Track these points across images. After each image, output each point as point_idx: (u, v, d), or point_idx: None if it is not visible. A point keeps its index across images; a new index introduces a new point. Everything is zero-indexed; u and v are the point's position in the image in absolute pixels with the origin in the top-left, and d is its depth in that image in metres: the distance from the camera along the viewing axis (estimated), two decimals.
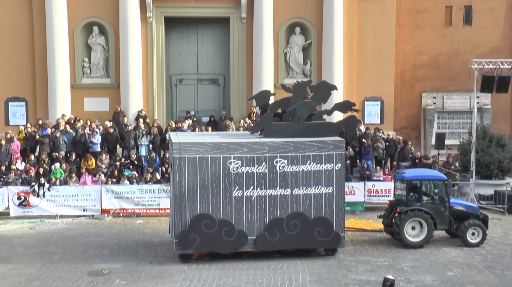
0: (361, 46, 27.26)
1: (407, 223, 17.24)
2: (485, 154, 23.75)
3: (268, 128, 16.51)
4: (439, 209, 17.57)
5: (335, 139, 16.30)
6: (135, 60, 26.18)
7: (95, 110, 26.30)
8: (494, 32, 30.30)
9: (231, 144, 15.68)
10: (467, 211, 17.87)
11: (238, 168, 15.58)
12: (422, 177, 18.07)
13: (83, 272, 15.18)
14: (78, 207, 21.31)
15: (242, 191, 15.68)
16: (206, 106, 28.00)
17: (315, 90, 17.27)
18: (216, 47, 28.07)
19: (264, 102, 17.99)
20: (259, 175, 15.68)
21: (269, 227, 15.80)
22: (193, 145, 15.49)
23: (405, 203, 17.62)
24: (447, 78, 30.16)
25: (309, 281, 14.42)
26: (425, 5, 30.19)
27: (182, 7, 26.86)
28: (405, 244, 17.21)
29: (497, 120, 30.15)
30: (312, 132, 16.42)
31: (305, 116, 16.62)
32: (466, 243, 17.40)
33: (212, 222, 15.55)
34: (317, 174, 15.90)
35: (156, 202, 21.45)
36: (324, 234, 15.98)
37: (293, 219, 15.84)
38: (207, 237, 15.55)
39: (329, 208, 16.02)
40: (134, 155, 23.34)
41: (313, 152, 15.86)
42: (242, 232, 15.74)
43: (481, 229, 17.49)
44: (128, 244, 17.87)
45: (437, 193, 17.82)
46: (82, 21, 26.39)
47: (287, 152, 15.77)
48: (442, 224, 17.65)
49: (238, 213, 15.68)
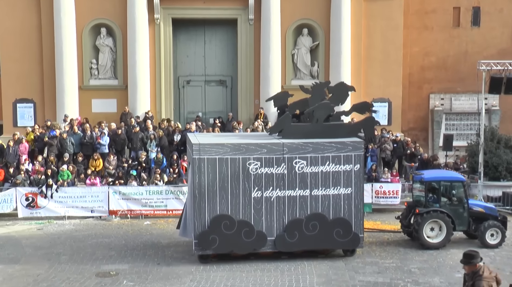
0: (369, 47, 27.23)
1: (426, 225, 17.21)
2: (493, 156, 23.65)
3: (286, 129, 16.53)
4: (458, 210, 17.53)
5: (354, 140, 16.31)
6: (142, 62, 26.25)
7: (103, 111, 26.40)
8: (502, 34, 30.21)
9: (250, 145, 15.69)
10: (485, 212, 17.80)
11: (257, 169, 15.61)
12: (441, 178, 18.03)
13: (91, 273, 15.21)
14: (86, 208, 21.37)
15: (261, 192, 15.69)
16: (214, 108, 28.04)
17: (333, 91, 17.30)
18: (224, 49, 28.11)
19: (282, 103, 18.00)
20: (278, 176, 15.70)
21: (288, 228, 15.82)
22: (212, 146, 15.51)
23: (424, 204, 17.59)
24: (455, 79, 30.10)
25: (317, 282, 14.40)
26: (433, 6, 30.14)
27: (190, 9, 26.93)
28: (424, 246, 17.18)
29: (506, 122, 30.05)
30: (330, 133, 16.44)
31: (323, 117, 16.63)
32: (485, 244, 17.32)
33: (231, 223, 15.58)
34: (336, 175, 15.91)
35: (163, 204, 21.47)
36: (343, 235, 15.99)
37: (312, 220, 15.86)
38: (227, 238, 15.56)
39: (348, 209, 16.02)
40: (143, 157, 23.38)
41: (332, 153, 15.88)
42: (262, 233, 15.75)
43: (500, 231, 17.43)
44: (136, 245, 17.89)
45: (455, 194, 17.78)
46: (90, 23, 26.50)
47: (306, 153, 15.79)
48: (461, 225, 17.59)
49: (258, 214, 15.70)
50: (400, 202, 22.27)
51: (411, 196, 19.50)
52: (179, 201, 21.35)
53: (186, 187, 21.45)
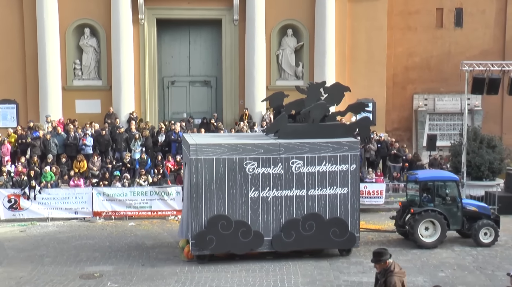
0: (353, 48, 27.35)
1: (421, 224, 17.34)
2: (476, 156, 23.86)
3: (283, 129, 16.61)
4: (452, 210, 17.70)
5: (350, 140, 16.43)
6: (127, 62, 26.13)
7: (86, 112, 26.23)
8: (484, 35, 30.48)
9: (247, 145, 15.76)
10: (479, 211, 17.99)
11: (254, 169, 15.68)
12: (435, 178, 18.18)
13: (74, 275, 15.10)
14: (70, 210, 21.21)
15: (258, 192, 15.76)
16: (198, 108, 27.99)
17: (328, 91, 17.39)
18: (208, 49, 28.07)
19: (278, 103, 18.07)
20: (275, 176, 15.78)
21: (285, 227, 15.89)
22: (209, 147, 15.56)
23: (419, 204, 17.73)
24: (439, 80, 30.31)
25: (302, 282, 14.42)
26: (417, 7, 30.33)
27: (174, 9, 26.85)
28: (419, 245, 17.30)
29: (488, 122, 30.34)
30: (326, 133, 16.54)
31: (319, 118, 16.71)
32: (478, 243, 17.52)
33: (228, 223, 15.62)
34: (332, 175, 16.01)
35: (148, 205, 21.37)
36: (339, 234, 16.10)
37: (308, 219, 15.95)
38: (224, 238, 15.62)
39: (344, 209, 16.13)
40: (128, 157, 23.27)
41: (329, 153, 15.98)
42: (258, 232, 15.81)
43: (494, 229, 17.61)
44: (120, 246, 17.80)
45: (449, 193, 17.96)
46: (74, 23, 26.33)
47: (302, 153, 15.87)
48: (455, 224, 17.76)
49: (254, 214, 15.77)
50: (384, 202, 22.40)
51: (405, 196, 19.63)
52: (163, 202, 21.30)
53: (170, 188, 21.47)
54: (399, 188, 23.44)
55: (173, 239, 18.45)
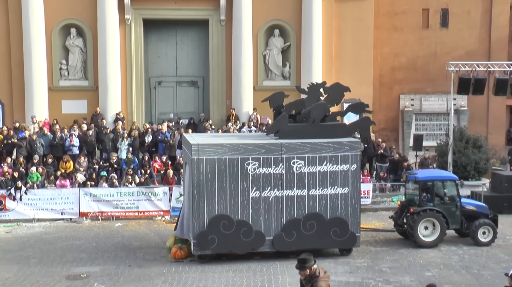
0: (340, 48, 27.43)
1: (420, 223, 17.45)
2: (462, 156, 24.01)
3: (283, 129, 16.67)
4: (451, 209, 17.82)
5: (351, 140, 16.53)
6: (113, 62, 26.02)
7: (73, 112, 26.08)
8: (470, 35, 30.70)
9: (249, 145, 15.79)
10: (477, 211, 18.14)
11: (255, 169, 15.73)
12: (435, 178, 18.30)
13: (61, 276, 15.01)
14: (56, 211, 21.07)
15: (259, 192, 15.80)
16: (185, 109, 27.94)
17: (328, 91, 17.47)
18: (195, 50, 28.04)
19: (278, 103, 18.14)
20: (276, 176, 15.82)
21: (286, 227, 15.95)
22: (211, 147, 15.59)
23: (418, 203, 17.84)
24: (425, 80, 30.49)
25: (289, 282, 14.43)
26: (403, 7, 30.49)
27: (161, 9, 26.80)
28: (419, 244, 17.40)
29: (474, 122, 30.56)
30: (326, 133, 16.61)
31: (320, 118, 16.77)
32: (477, 242, 17.64)
33: (230, 223, 15.65)
34: (333, 175, 16.08)
35: (135, 205, 21.28)
36: (340, 234, 16.17)
37: (309, 219, 16.01)
38: (225, 237, 15.63)
39: (345, 209, 16.21)
40: (115, 158, 23.17)
41: (330, 153, 16.05)
42: (260, 232, 15.85)
43: (492, 228, 17.74)
44: (107, 247, 17.72)
45: (448, 193, 18.10)
46: (60, 23, 26.19)
47: (304, 153, 15.93)
48: (454, 223, 17.88)
49: (256, 214, 15.82)
50: (371, 202, 22.48)
51: (403, 195, 19.74)
52: (150, 202, 21.23)
53: (157, 189, 21.42)
54: (386, 188, 23.56)
55: (160, 240, 18.41)
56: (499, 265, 15.91)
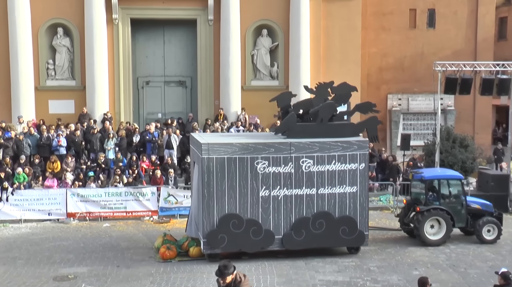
0: (328, 48, 27.49)
1: (427, 222, 17.60)
2: (449, 155, 24.18)
3: (292, 129, 16.74)
4: (456, 208, 18.01)
5: (360, 139, 16.64)
6: (101, 62, 25.91)
7: (60, 112, 25.93)
8: (456, 35, 30.91)
9: (258, 144, 15.86)
10: (482, 209, 18.34)
11: (265, 168, 15.81)
12: (441, 177, 18.51)
13: (48, 277, 14.93)
14: (43, 211, 20.94)
15: (269, 191, 15.88)
16: (174, 109, 27.88)
17: (336, 91, 17.58)
18: (183, 49, 27.98)
19: (286, 103, 18.21)
20: (285, 175, 15.91)
21: (295, 226, 16.04)
22: (221, 146, 15.63)
23: (424, 202, 17.99)
24: (412, 80, 30.65)
25: (277, 282, 14.45)
26: (390, 8, 30.63)
27: (149, 9, 26.72)
28: (425, 243, 17.57)
29: (460, 121, 30.77)
30: (334, 132, 16.70)
31: (328, 117, 16.87)
32: (482, 240, 17.84)
33: (240, 222, 15.72)
34: (342, 174, 16.19)
35: (123, 205, 21.21)
36: (348, 232, 16.29)
37: (318, 218, 16.11)
38: (235, 236, 15.71)
39: (353, 207, 16.32)
40: (102, 158, 23.07)
41: (338, 152, 16.16)
42: (269, 231, 15.93)
43: (497, 226, 17.97)
44: (95, 248, 17.64)
45: (454, 192, 18.31)
46: (46, 22, 26.03)
47: (313, 152, 16.03)
48: (460, 222, 18.07)
49: (265, 213, 15.90)
50: None
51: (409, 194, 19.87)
52: (138, 202, 21.18)
53: (145, 189, 21.38)
54: (374, 187, 23.65)
55: (148, 240, 18.36)
56: (485, 263, 16.05)
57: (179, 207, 21.42)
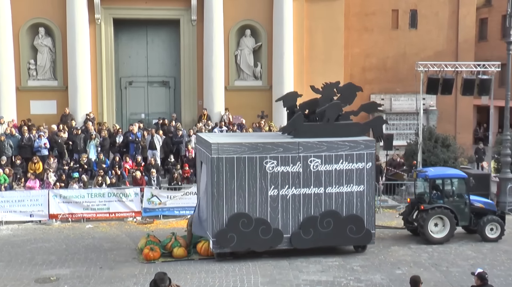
0: (311, 48, 27.58)
1: (431, 220, 17.77)
2: (431, 155, 24.37)
3: (299, 129, 16.84)
4: (460, 206, 18.21)
5: (367, 139, 16.80)
6: (83, 62, 25.74)
7: (42, 113, 25.72)
8: (438, 36, 31.18)
9: (267, 144, 15.97)
10: (485, 208, 18.58)
11: (273, 168, 15.92)
12: (445, 176, 18.72)
13: (29, 279, 14.80)
14: (25, 213, 20.74)
15: (277, 190, 15.99)
16: (157, 109, 27.78)
17: (341, 91, 17.70)
18: (167, 50, 27.89)
19: (292, 103, 18.30)
20: (293, 174, 16.04)
21: (303, 225, 16.18)
22: (231, 145, 15.72)
23: (428, 201, 18.17)
24: (395, 80, 30.85)
25: (261, 282, 14.47)
26: (373, 8, 30.80)
27: (132, 9, 26.60)
28: (429, 241, 17.74)
29: (442, 121, 31.03)
30: (341, 132, 16.85)
31: (334, 117, 17.00)
32: (485, 238, 18.07)
33: (249, 221, 15.82)
34: (349, 173, 16.35)
35: (106, 206, 21.08)
36: (355, 231, 16.45)
37: (326, 217, 16.26)
38: (244, 235, 15.79)
39: (360, 206, 16.49)
40: (85, 159, 22.92)
41: (346, 152, 16.30)
42: (278, 230, 16.04)
43: (499, 225, 18.19)
44: (77, 249, 17.52)
45: (457, 190, 18.52)
46: (28, 22, 25.81)
47: (320, 152, 16.16)
48: (463, 220, 18.28)
49: (274, 212, 16.00)
50: None
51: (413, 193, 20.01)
52: (121, 203, 21.07)
53: (128, 189, 21.27)
54: None
55: (131, 241, 18.28)
56: (466, 262, 16.22)
57: (162, 207, 21.36)
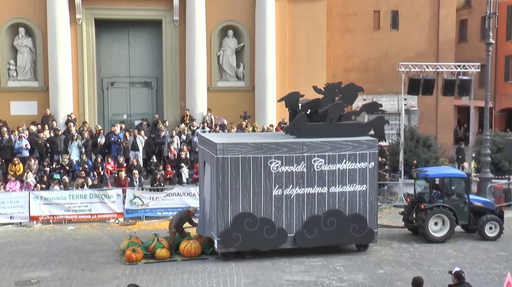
0: (294, 49, 27.66)
1: (431, 219, 17.90)
2: (413, 155, 24.55)
3: (302, 129, 16.92)
4: (459, 205, 18.38)
5: (369, 139, 16.91)
6: (64, 63, 25.54)
7: (22, 114, 25.47)
8: (419, 37, 31.43)
9: (271, 144, 16.04)
10: (484, 207, 18.76)
11: (278, 168, 16.00)
12: (445, 175, 18.89)
13: (9, 282, 14.65)
14: (4, 215, 20.49)
15: (282, 190, 16.08)
16: (139, 110, 27.66)
17: (343, 91, 17.79)
18: (149, 50, 27.78)
19: (294, 103, 18.36)
20: (298, 174, 16.14)
21: (307, 224, 16.29)
22: (235, 146, 15.79)
23: (428, 200, 18.32)
24: (377, 81, 31.03)
25: (244, 283, 14.47)
26: (355, 9, 30.96)
27: (113, 9, 26.45)
28: (429, 240, 17.88)
29: (424, 122, 31.28)
30: (343, 132, 16.96)
31: (337, 117, 17.09)
32: (484, 237, 18.24)
33: (253, 221, 15.89)
34: (352, 173, 16.48)
35: (87, 208, 20.92)
36: (358, 230, 16.59)
37: (329, 216, 16.38)
38: (249, 235, 15.86)
39: (363, 205, 16.63)
40: (66, 160, 22.73)
41: (349, 151, 16.42)
42: (282, 229, 16.14)
43: (498, 224, 18.38)
44: (59, 251, 17.38)
45: (457, 190, 18.71)
46: (7, 22, 25.57)
47: (324, 152, 16.27)
48: (463, 219, 18.45)
49: (278, 211, 16.09)
50: None
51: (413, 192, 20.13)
52: (103, 205, 20.94)
53: (110, 191, 21.15)
54: None
55: (113, 242, 18.17)
56: (447, 261, 16.36)
57: (145, 209, 21.27)
